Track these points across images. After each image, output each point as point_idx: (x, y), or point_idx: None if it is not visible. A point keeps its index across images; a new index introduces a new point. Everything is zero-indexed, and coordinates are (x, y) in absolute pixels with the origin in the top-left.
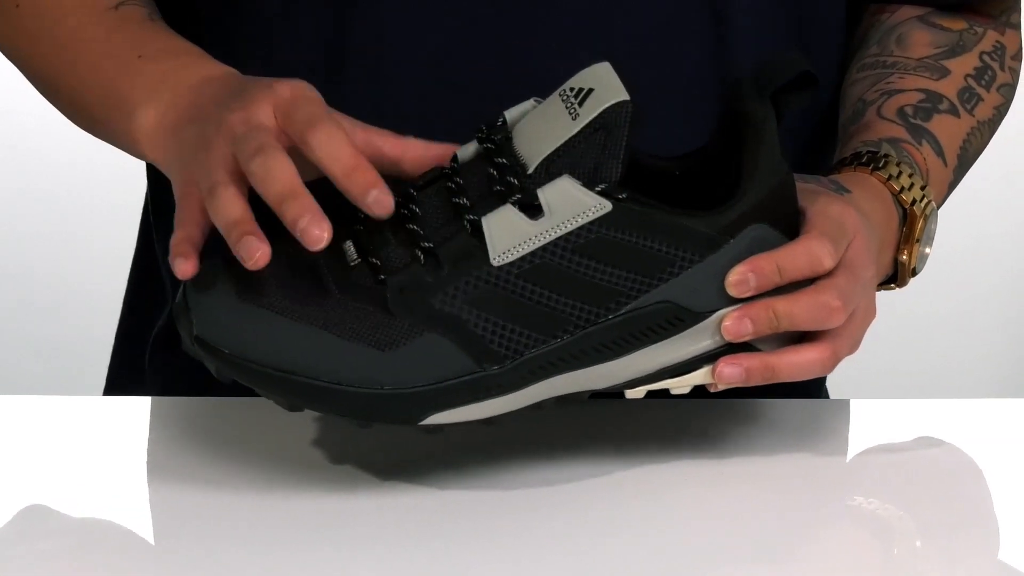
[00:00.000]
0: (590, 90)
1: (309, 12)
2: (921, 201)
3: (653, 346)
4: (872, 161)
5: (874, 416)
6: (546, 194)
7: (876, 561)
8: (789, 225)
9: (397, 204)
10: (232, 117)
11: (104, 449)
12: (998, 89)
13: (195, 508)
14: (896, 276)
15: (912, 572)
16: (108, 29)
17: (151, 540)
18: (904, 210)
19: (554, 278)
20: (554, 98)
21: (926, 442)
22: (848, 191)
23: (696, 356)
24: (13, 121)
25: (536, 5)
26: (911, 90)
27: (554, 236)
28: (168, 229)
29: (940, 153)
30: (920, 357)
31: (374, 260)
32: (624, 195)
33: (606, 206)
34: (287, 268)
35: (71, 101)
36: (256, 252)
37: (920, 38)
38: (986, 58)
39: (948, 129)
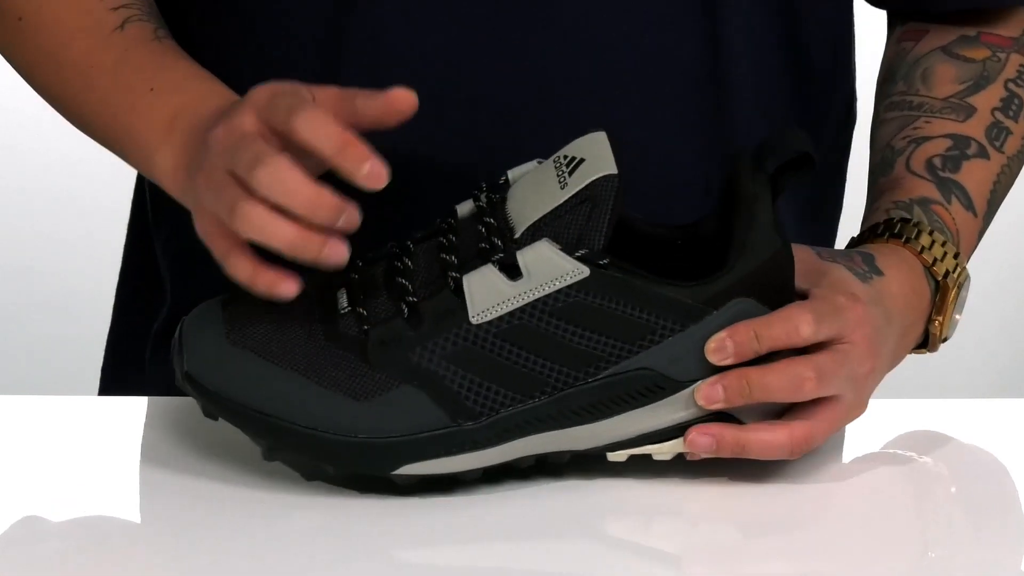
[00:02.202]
0: (581, 160)
1: (305, 13)
2: (955, 271)
3: (633, 412)
4: (904, 231)
5: (873, 416)
6: (525, 257)
7: (875, 561)
8: (777, 300)
9: (392, 256)
10: (215, 133)
11: (102, 449)
12: None
13: (194, 508)
14: (926, 342)
15: (911, 572)
16: (117, 55)
17: (149, 540)
18: (936, 281)
19: (531, 339)
20: (549, 163)
21: (926, 442)
22: (881, 273)
23: (677, 424)
24: (13, 121)
25: (534, 5)
26: (938, 136)
27: (531, 298)
28: (165, 229)
29: (970, 206)
30: (920, 357)
31: (361, 310)
32: (605, 261)
33: (583, 271)
34: (283, 312)
35: (85, 125)
36: (334, 253)
37: (945, 73)
38: (1011, 86)
39: (977, 175)
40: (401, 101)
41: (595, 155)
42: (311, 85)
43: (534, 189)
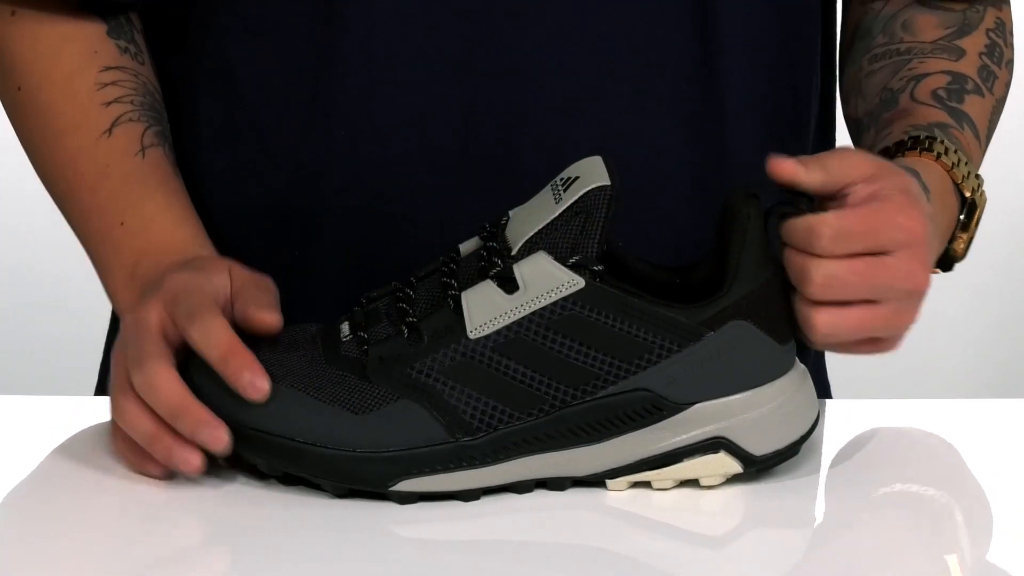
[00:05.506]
0: (576, 178)
1: (300, 8)
2: (978, 190)
3: (631, 434)
4: (934, 147)
5: (873, 416)
6: (521, 269)
7: (873, 560)
8: (775, 325)
9: (394, 289)
10: (126, 320)
11: (103, 449)
12: (1006, 65)
13: (194, 506)
14: (945, 262)
15: (909, 571)
16: (99, 169)
17: (149, 539)
18: (963, 198)
19: (529, 354)
20: (547, 188)
21: (924, 442)
22: (928, 190)
23: (676, 449)
24: None
25: None
26: (936, 73)
27: (528, 311)
28: None
29: (976, 135)
30: (918, 357)
31: (362, 334)
32: (599, 268)
33: (579, 282)
34: (286, 342)
35: (63, 213)
36: (182, 461)
37: (926, 21)
38: (992, 35)
39: (978, 109)
40: (263, 325)
41: (589, 172)
42: (231, 263)
43: (532, 211)
